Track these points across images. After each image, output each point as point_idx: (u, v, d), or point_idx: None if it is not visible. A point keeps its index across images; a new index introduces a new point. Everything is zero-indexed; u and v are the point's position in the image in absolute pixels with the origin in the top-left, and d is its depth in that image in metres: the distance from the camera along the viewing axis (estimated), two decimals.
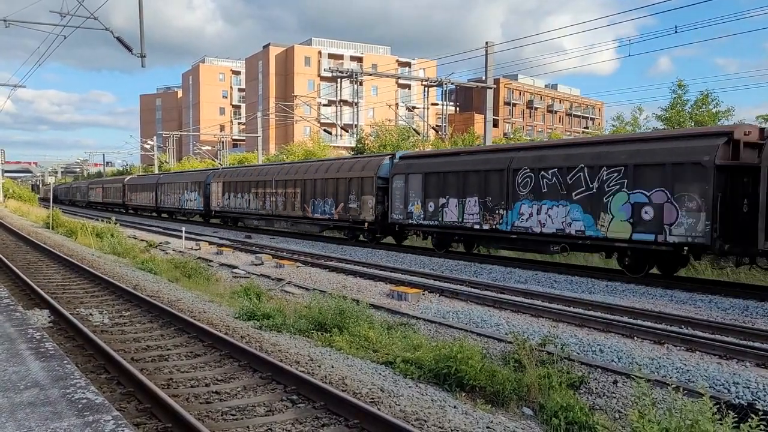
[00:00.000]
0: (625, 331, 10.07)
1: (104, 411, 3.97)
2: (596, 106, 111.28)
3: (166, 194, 45.54)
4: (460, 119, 71.70)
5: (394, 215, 22.10)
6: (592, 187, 15.34)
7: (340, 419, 6.00)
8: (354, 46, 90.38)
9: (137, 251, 21.47)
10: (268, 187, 30.88)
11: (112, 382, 7.04)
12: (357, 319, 10.00)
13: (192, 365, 7.84)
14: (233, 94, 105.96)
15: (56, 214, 34.06)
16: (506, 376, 7.68)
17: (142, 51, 18.88)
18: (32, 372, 4.78)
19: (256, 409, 6.27)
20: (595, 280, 15.12)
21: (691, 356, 8.78)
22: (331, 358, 8.36)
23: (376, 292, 14.11)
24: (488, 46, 28.82)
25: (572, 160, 16.00)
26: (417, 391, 7.22)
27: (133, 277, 15.48)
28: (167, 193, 45.36)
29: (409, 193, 21.37)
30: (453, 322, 11.20)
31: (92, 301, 12.25)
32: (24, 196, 69.64)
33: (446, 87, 34.32)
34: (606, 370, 8.30)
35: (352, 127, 35.58)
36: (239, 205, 34.03)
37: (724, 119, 27.36)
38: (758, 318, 11.36)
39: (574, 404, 6.96)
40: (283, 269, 17.77)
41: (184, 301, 12.29)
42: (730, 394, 7.41)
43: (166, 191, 45.74)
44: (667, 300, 13.02)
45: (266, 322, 10.24)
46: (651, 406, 4.90)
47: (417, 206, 21.04)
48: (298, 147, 53.63)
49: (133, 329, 9.86)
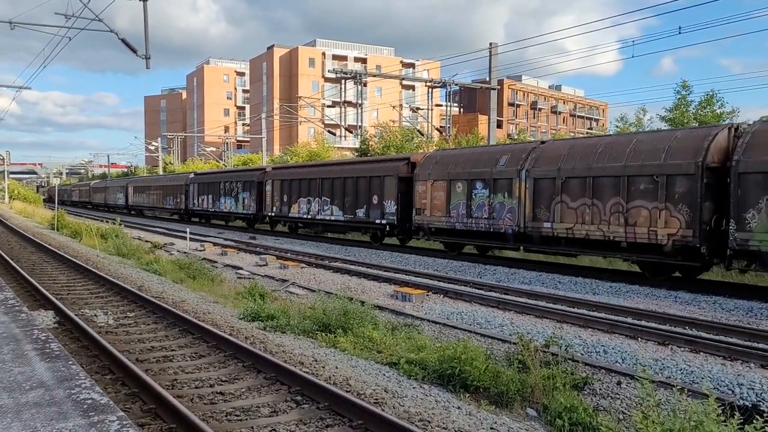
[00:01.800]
0: (630, 332, 10.05)
1: (109, 411, 3.99)
2: (600, 107, 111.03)
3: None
4: (464, 120, 71.63)
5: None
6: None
7: (344, 420, 6.01)
8: (358, 47, 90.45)
9: (142, 252, 21.53)
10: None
11: (116, 382, 7.06)
12: (361, 319, 10.02)
13: (196, 366, 7.86)
14: (237, 96, 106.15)
15: (61, 215, 34.18)
16: (510, 377, 7.68)
17: (147, 52, 18.94)
18: (37, 372, 4.80)
19: (260, 410, 6.28)
20: (599, 281, 15.08)
21: (696, 357, 8.75)
22: (335, 358, 8.37)
23: (380, 292, 14.11)
24: (492, 48, 28.82)
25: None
26: (421, 392, 7.23)
27: (138, 278, 15.53)
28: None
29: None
30: (457, 322, 11.19)
31: (97, 302, 12.29)
32: (29, 198, 69.89)
33: (450, 88, 34.33)
34: (610, 371, 8.28)
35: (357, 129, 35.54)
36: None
37: (728, 119, 27.29)
38: (763, 319, 11.32)
39: (578, 405, 6.95)
40: (287, 270, 17.79)
41: (189, 301, 12.32)
42: (734, 395, 7.39)
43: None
44: (672, 301, 12.98)
45: (270, 323, 10.26)
46: (655, 407, 4.89)
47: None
48: (302, 148, 53.70)
49: (137, 330, 9.89)
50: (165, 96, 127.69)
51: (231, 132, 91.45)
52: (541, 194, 16.64)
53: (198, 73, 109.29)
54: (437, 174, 20.09)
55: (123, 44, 19.49)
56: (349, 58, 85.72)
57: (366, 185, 23.73)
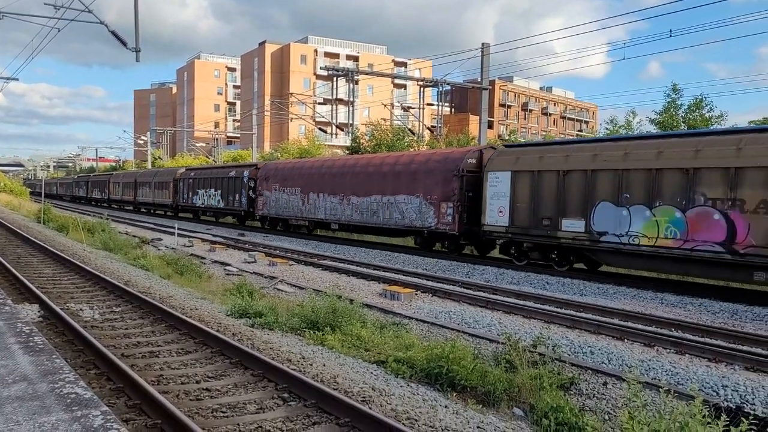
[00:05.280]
0: (616, 333, 10.11)
1: (93, 406, 3.94)
2: (590, 110, 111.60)
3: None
4: (455, 120, 71.76)
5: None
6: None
7: (331, 417, 5.99)
8: (350, 45, 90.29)
9: (129, 247, 21.38)
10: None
11: (101, 377, 6.99)
12: (350, 318, 10.00)
13: (183, 362, 7.80)
14: (228, 91, 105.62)
15: (47, 208, 33.87)
16: (498, 376, 7.69)
17: (137, 45, 18.79)
18: (20, 366, 4.74)
19: (246, 407, 6.25)
20: (587, 282, 15.16)
21: (681, 359, 8.81)
22: (323, 356, 8.34)
23: (369, 291, 14.10)
24: (484, 48, 28.86)
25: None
26: (408, 391, 7.22)
27: (125, 272, 15.41)
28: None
29: None
30: (445, 322, 11.20)
31: (83, 296, 12.18)
32: (15, 190, 69.19)
33: (442, 87, 34.33)
34: (596, 371, 8.32)
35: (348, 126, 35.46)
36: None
37: (717, 123, 27.50)
38: (747, 322, 11.42)
39: (565, 405, 6.98)
40: (276, 267, 17.73)
41: (176, 297, 12.24)
42: (719, 396, 7.45)
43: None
44: (658, 303, 13.07)
45: (258, 320, 10.21)
46: (641, 408, 4.91)
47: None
48: (293, 145, 53.52)
49: (123, 325, 9.81)
50: (155, 90, 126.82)
51: (221, 128, 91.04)
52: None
53: (188, 68, 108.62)
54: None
55: (113, 36, 19.31)
56: (341, 56, 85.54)
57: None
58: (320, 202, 25.69)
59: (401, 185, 21.34)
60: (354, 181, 23.75)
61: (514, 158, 17.68)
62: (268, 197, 29.84)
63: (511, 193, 17.28)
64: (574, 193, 15.71)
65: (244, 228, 32.60)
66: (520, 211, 17.08)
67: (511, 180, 17.29)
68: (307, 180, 26.79)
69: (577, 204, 15.60)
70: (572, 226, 15.71)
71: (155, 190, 44.77)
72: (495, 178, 17.80)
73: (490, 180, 17.93)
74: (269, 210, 29.81)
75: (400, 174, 21.55)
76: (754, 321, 11.47)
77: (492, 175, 17.88)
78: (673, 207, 13.60)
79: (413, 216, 20.78)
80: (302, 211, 27.14)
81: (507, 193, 17.39)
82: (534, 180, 16.73)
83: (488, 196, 17.93)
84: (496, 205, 17.73)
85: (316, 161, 29.17)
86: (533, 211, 16.71)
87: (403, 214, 21.22)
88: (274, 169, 30.11)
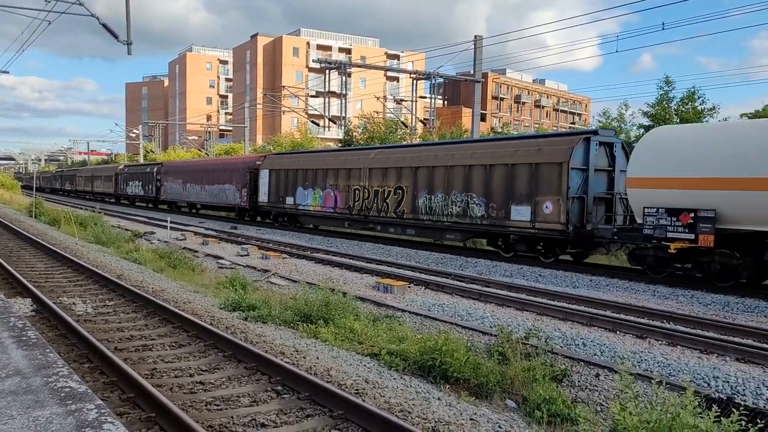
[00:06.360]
0: (608, 325, 10.17)
1: (87, 400, 3.94)
2: (583, 102, 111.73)
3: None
4: (447, 113, 71.76)
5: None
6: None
7: (324, 410, 6.01)
8: (343, 37, 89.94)
9: (122, 241, 21.31)
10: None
11: (95, 371, 6.99)
12: (343, 310, 10.00)
13: (176, 355, 7.80)
14: (220, 84, 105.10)
15: (39, 202, 33.69)
16: (490, 368, 7.73)
17: (129, 38, 18.65)
18: (14, 360, 4.73)
19: (240, 400, 6.26)
20: (580, 275, 15.24)
21: (673, 350, 8.88)
22: (316, 349, 8.36)
23: (362, 284, 14.12)
24: (477, 40, 28.82)
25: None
26: (402, 383, 7.25)
27: (118, 266, 15.36)
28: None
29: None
30: (438, 314, 11.23)
31: (75, 290, 12.14)
32: (6, 184, 68.71)
33: (434, 80, 34.29)
34: (589, 363, 8.37)
35: (340, 119, 35.44)
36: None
37: (709, 116, 27.58)
38: (738, 313, 11.52)
39: (557, 397, 7.03)
40: (268, 261, 17.72)
41: (169, 291, 12.21)
42: (710, 388, 7.51)
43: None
44: (650, 295, 13.15)
45: (252, 313, 10.21)
46: (633, 399, 4.95)
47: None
48: (285, 138, 53.39)
49: (116, 319, 9.79)
50: (146, 83, 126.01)
51: (213, 121, 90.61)
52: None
53: (180, 61, 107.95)
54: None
55: (104, 29, 19.17)
56: (334, 49, 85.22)
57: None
58: (191, 189, 38.11)
59: (226, 177, 33.50)
60: (207, 175, 35.90)
61: (272, 161, 29.80)
62: (167, 186, 42.26)
63: (269, 182, 28.96)
64: (291, 182, 27.51)
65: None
66: (271, 193, 28.81)
67: (269, 175, 29.02)
68: (186, 175, 39.09)
69: (291, 188, 27.49)
70: (290, 200, 27.52)
71: (104, 183, 58.00)
72: (264, 173, 29.50)
73: (261, 175, 29.75)
74: (167, 196, 42.22)
75: (224, 171, 33.94)
76: (746, 313, 11.56)
77: (263, 171, 29.69)
78: (320, 189, 25.55)
79: (232, 197, 32.89)
80: (183, 196, 39.61)
81: (266, 182, 29.12)
82: (279, 175, 28.33)
83: (260, 184, 29.77)
84: (263, 189, 29.44)
85: (193, 162, 42.83)
86: (276, 193, 28.48)
87: (227, 196, 33.42)
88: (171, 167, 43.44)
